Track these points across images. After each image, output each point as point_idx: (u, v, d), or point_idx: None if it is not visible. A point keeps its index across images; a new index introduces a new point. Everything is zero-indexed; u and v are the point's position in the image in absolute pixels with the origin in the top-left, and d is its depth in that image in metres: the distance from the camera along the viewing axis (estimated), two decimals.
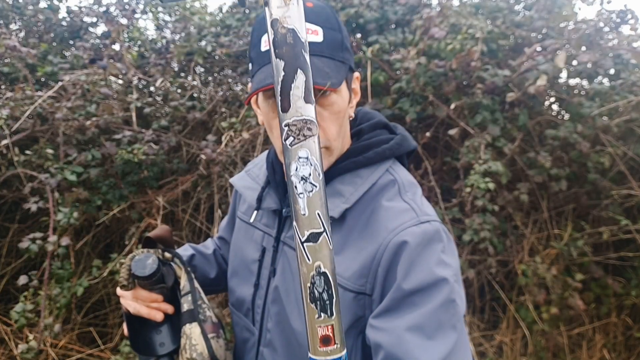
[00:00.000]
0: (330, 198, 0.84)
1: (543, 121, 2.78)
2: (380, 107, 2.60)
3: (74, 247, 2.66)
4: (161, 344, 0.97)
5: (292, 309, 0.88)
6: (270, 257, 0.94)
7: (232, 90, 3.16)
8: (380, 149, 0.90)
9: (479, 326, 2.69)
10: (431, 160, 2.65)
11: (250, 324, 0.99)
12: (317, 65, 0.76)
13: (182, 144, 2.97)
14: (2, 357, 2.66)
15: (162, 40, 3.53)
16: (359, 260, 0.80)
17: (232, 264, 1.08)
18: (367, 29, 2.81)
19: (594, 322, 2.75)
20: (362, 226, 0.83)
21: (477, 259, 2.59)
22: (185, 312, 0.96)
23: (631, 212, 2.76)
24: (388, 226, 0.80)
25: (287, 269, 0.90)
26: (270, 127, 0.85)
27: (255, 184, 1.02)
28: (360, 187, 0.86)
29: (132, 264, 0.93)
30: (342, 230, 0.85)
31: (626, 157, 2.68)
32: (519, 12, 2.84)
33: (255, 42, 0.82)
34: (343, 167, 0.88)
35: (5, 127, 2.44)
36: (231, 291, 1.07)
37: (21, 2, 3.35)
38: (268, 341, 0.94)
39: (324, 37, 0.80)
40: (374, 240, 0.80)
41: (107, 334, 2.90)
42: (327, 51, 0.80)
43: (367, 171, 0.88)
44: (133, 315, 0.96)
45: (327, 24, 0.82)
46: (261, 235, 0.98)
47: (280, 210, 0.94)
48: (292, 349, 0.88)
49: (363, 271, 0.80)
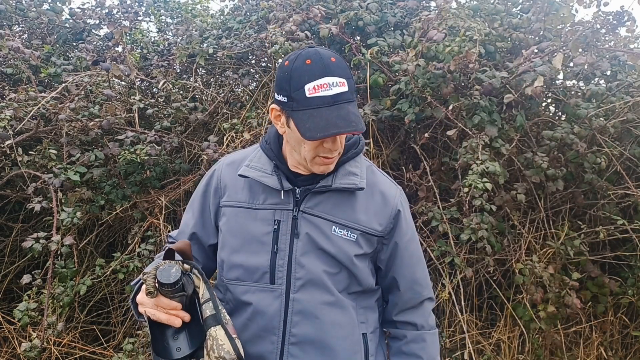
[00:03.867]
0: (348, 177, 1.23)
1: (540, 122, 2.82)
2: (380, 108, 2.63)
3: (77, 246, 2.69)
4: (178, 348, 1.05)
5: (316, 256, 1.20)
6: (290, 225, 1.22)
7: (234, 92, 3.20)
8: (360, 146, 1.29)
9: (477, 324, 2.72)
10: (429, 161, 2.68)
11: (268, 283, 1.21)
12: (351, 111, 1.09)
13: (184, 145, 3.00)
14: (6, 356, 2.68)
15: (164, 42, 3.56)
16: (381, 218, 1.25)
17: (233, 244, 1.26)
18: (367, 31, 2.85)
19: (591, 321, 2.77)
20: (370, 195, 1.26)
21: (475, 258, 2.62)
22: (209, 316, 1.06)
23: (627, 211, 2.79)
24: (390, 194, 1.28)
25: (312, 228, 1.21)
26: (302, 144, 1.15)
27: (265, 173, 1.24)
28: (362, 171, 1.25)
29: (157, 273, 1.01)
30: (359, 199, 1.25)
31: (622, 158, 2.71)
32: (517, 15, 2.87)
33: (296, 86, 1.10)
34: (348, 157, 1.25)
35: (9, 127, 2.47)
36: (233, 267, 1.25)
37: (24, 4, 3.38)
38: (299, 287, 1.20)
39: (348, 86, 1.11)
40: (387, 206, 1.26)
41: (110, 332, 2.92)
42: (351, 97, 1.12)
43: (359, 159, 1.28)
44: (154, 321, 1.04)
45: (347, 74, 1.12)
46: (270, 212, 1.23)
47: (293, 189, 1.23)
48: (324, 282, 1.20)
49: (384, 224, 1.26)
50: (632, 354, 2.81)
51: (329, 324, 1.20)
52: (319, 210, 1.22)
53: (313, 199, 1.23)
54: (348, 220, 1.22)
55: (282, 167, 1.25)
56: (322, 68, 1.10)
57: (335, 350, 1.21)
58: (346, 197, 1.24)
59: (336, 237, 1.21)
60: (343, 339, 1.22)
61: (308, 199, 1.22)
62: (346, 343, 1.22)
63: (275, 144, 1.28)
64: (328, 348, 1.20)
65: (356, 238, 1.22)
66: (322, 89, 1.09)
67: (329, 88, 1.09)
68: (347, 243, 1.21)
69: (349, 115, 1.08)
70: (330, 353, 1.20)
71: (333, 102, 1.09)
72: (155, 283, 1.01)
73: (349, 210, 1.23)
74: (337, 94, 1.09)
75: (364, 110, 2.55)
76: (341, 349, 1.21)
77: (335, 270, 1.21)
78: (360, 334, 1.26)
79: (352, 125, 1.07)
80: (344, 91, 1.10)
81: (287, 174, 1.25)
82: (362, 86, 2.71)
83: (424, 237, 2.58)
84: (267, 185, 1.23)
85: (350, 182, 1.22)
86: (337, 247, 1.21)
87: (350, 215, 1.23)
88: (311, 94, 1.09)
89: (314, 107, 1.08)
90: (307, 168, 1.21)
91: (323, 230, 1.21)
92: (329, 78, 1.09)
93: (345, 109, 1.09)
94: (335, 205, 1.23)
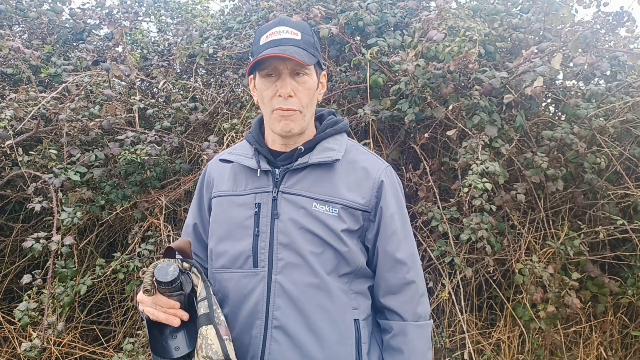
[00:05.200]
0: (325, 152, 1.23)
1: (540, 122, 2.82)
2: (380, 108, 2.63)
3: (77, 246, 2.69)
4: (176, 347, 1.04)
5: (298, 235, 1.18)
6: (270, 207, 1.21)
7: (234, 92, 3.20)
8: (340, 125, 1.31)
9: (477, 324, 2.72)
10: (429, 161, 2.69)
11: (252, 267, 1.20)
12: (295, 50, 1.15)
13: (185, 145, 3.01)
14: (6, 356, 2.69)
15: (164, 42, 3.57)
16: (363, 191, 1.22)
17: (218, 232, 1.27)
18: (366, 31, 2.85)
19: (591, 321, 2.77)
20: (351, 170, 1.25)
21: (475, 257, 2.62)
22: (202, 315, 1.05)
23: (627, 211, 2.80)
24: (373, 168, 1.26)
25: (292, 207, 1.20)
26: (262, 98, 1.21)
27: (245, 157, 1.28)
28: (341, 147, 1.26)
29: (154, 271, 1.00)
30: (338, 173, 1.23)
31: (622, 158, 2.71)
32: (517, 15, 2.87)
33: (257, 40, 1.22)
34: (326, 134, 1.27)
35: (9, 127, 2.47)
36: (219, 255, 1.25)
37: (24, 4, 3.38)
38: (281, 268, 1.18)
39: (301, 37, 1.20)
40: (369, 179, 1.24)
41: (110, 332, 2.93)
42: (303, 45, 1.19)
43: (339, 137, 1.29)
44: (152, 320, 1.03)
45: (305, 30, 1.22)
46: (251, 197, 1.24)
47: (272, 170, 1.24)
48: (308, 262, 1.17)
49: (366, 197, 1.23)
50: (632, 354, 2.81)
51: (314, 308, 1.16)
52: (297, 188, 1.21)
53: (291, 178, 1.22)
54: (328, 195, 1.20)
55: (262, 150, 1.27)
56: (277, 21, 1.22)
57: (320, 336, 1.15)
58: (325, 173, 1.22)
59: (317, 212, 1.18)
60: (330, 324, 1.16)
61: (287, 178, 1.22)
62: (334, 328, 1.17)
63: (257, 131, 1.32)
64: (313, 333, 1.15)
65: (338, 212, 1.19)
66: (272, 35, 1.19)
67: (278, 34, 1.18)
68: (329, 218, 1.18)
69: (288, 49, 1.14)
70: (315, 338, 1.15)
71: (278, 43, 1.16)
72: (153, 281, 1.00)
73: (329, 186, 1.21)
74: (284, 38, 1.17)
75: (364, 110, 2.55)
76: (328, 335, 1.16)
77: (319, 249, 1.17)
78: (351, 320, 1.20)
79: (286, 52, 1.12)
80: (293, 37, 1.17)
81: (267, 157, 1.26)
82: (362, 86, 2.72)
83: (424, 237, 2.59)
84: (249, 170, 1.26)
85: (327, 156, 1.22)
86: (318, 224, 1.17)
87: (330, 190, 1.20)
88: (263, 42, 1.19)
89: (262, 51, 1.16)
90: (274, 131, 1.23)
91: (303, 208, 1.19)
92: (281, 27, 1.20)
93: (288, 47, 1.15)
94: (314, 181, 1.21)
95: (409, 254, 1.27)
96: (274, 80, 1.18)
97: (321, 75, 1.28)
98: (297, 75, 1.18)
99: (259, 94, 1.23)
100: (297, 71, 1.18)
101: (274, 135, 1.26)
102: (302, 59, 1.13)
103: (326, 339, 1.16)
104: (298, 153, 1.23)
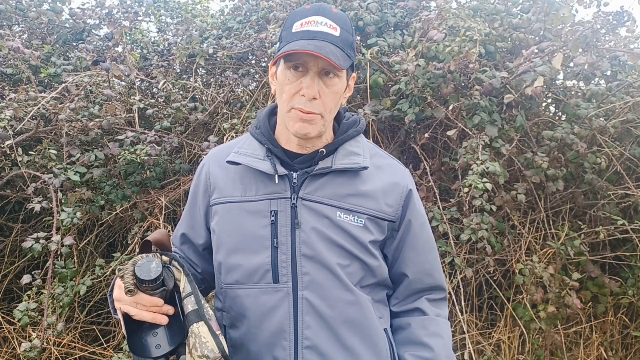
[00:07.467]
0: (349, 156, 1.12)
1: (540, 122, 2.82)
2: (380, 108, 2.63)
3: (77, 247, 2.69)
4: (157, 345, 0.96)
5: (323, 246, 1.07)
6: (289, 215, 1.09)
7: (234, 92, 3.19)
8: (361, 125, 1.20)
9: (477, 324, 2.72)
10: (430, 161, 2.68)
11: (271, 282, 1.08)
12: (330, 47, 1.01)
13: (184, 145, 3.00)
14: (6, 356, 2.68)
15: (164, 42, 3.56)
16: (390, 200, 1.13)
17: (229, 244, 1.13)
18: (367, 31, 2.85)
19: (591, 321, 2.77)
20: (377, 177, 1.14)
21: (475, 258, 2.62)
22: (191, 312, 0.98)
23: (627, 212, 2.80)
24: (399, 175, 1.17)
25: (314, 216, 1.09)
26: (282, 91, 1.07)
27: (257, 158, 1.13)
28: (365, 151, 1.16)
29: (135, 269, 0.92)
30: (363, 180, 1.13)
31: (622, 158, 2.71)
32: (517, 15, 2.86)
33: (288, 24, 1.07)
34: (348, 135, 1.16)
35: (9, 127, 2.47)
36: (231, 269, 1.12)
37: (24, 4, 3.38)
38: (307, 283, 1.07)
39: (340, 34, 1.04)
40: (396, 187, 1.15)
41: (109, 332, 2.92)
42: (340, 44, 1.04)
43: (360, 139, 1.18)
44: (128, 318, 0.96)
45: (346, 26, 1.07)
46: (265, 203, 1.11)
47: (288, 174, 1.11)
48: (337, 276, 1.07)
49: (394, 206, 1.14)
50: (632, 354, 2.81)
51: (345, 324, 1.07)
52: (319, 195, 1.09)
53: (312, 183, 1.10)
54: (353, 203, 1.09)
55: (275, 150, 1.13)
56: (316, 8, 1.05)
57: (355, 353, 1.07)
58: (349, 179, 1.11)
59: (342, 222, 1.08)
60: (362, 338, 1.09)
61: (307, 183, 1.10)
62: (366, 343, 1.09)
63: (266, 127, 1.16)
64: (347, 350, 1.07)
65: (364, 223, 1.09)
66: (308, 25, 1.03)
67: (315, 25, 1.02)
68: (356, 229, 1.08)
69: (325, 47, 0.99)
70: (350, 356, 1.07)
71: (313, 36, 1.01)
72: (134, 280, 0.93)
73: (353, 193, 1.10)
74: (321, 32, 1.02)
75: (364, 110, 2.55)
76: (362, 351, 1.08)
77: (347, 262, 1.08)
78: (382, 330, 1.13)
79: (321, 51, 0.97)
80: (332, 33, 1.02)
81: (282, 159, 1.13)
82: (362, 86, 2.71)
83: None
84: (260, 173, 1.11)
85: (353, 162, 1.10)
86: (344, 235, 1.08)
87: (355, 199, 1.10)
88: (296, 30, 1.04)
89: (294, 40, 1.02)
90: (288, 130, 1.08)
91: (327, 217, 1.08)
92: (319, 17, 1.03)
93: (324, 43, 1.00)
94: (338, 188, 1.10)
95: (436, 265, 1.23)
96: (299, 76, 1.04)
97: (351, 78, 1.15)
98: (326, 75, 1.04)
99: (279, 85, 1.08)
100: (328, 71, 1.04)
101: (288, 134, 1.12)
102: (338, 62, 0.99)
103: (361, 356, 1.08)
104: (320, 156, 1.11)
